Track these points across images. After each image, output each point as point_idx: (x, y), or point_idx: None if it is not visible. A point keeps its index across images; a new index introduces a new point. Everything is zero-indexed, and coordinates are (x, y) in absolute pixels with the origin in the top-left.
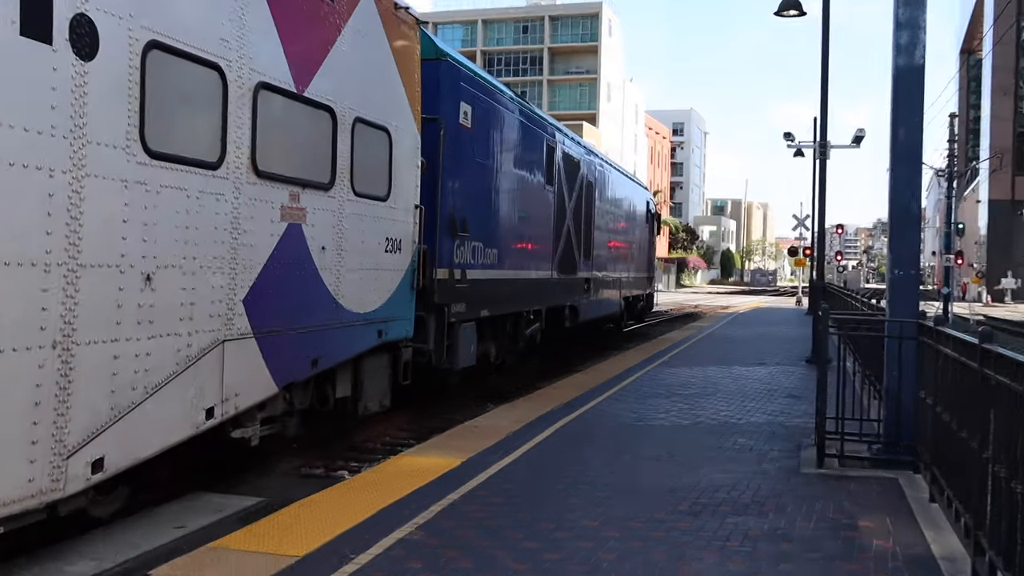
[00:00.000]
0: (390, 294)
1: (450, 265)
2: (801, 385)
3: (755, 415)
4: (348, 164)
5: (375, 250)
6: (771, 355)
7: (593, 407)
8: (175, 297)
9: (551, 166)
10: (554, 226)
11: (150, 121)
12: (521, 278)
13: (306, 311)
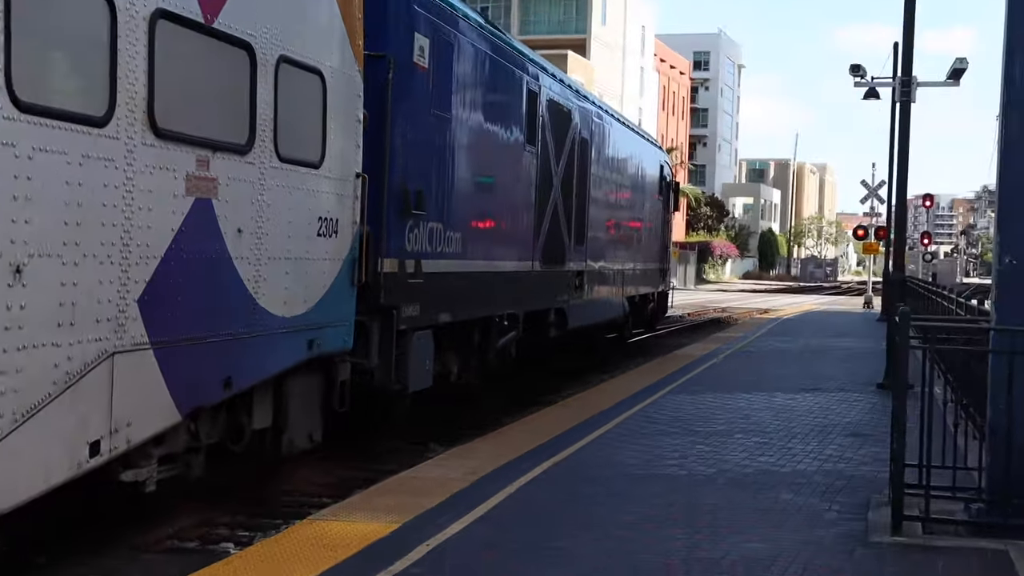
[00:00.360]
0: (324, 292)
1: (400, 254)
2: (869, 420)
3: (804, 461)
4: (271, 119)
5: (305, 234)
6: (828, 378)
7: (581, 448)
8: (52, 296)
9: (533, 119)
10: (536, 201)
11: (18, 61)
12: (492, 271)
13: (218, 314)
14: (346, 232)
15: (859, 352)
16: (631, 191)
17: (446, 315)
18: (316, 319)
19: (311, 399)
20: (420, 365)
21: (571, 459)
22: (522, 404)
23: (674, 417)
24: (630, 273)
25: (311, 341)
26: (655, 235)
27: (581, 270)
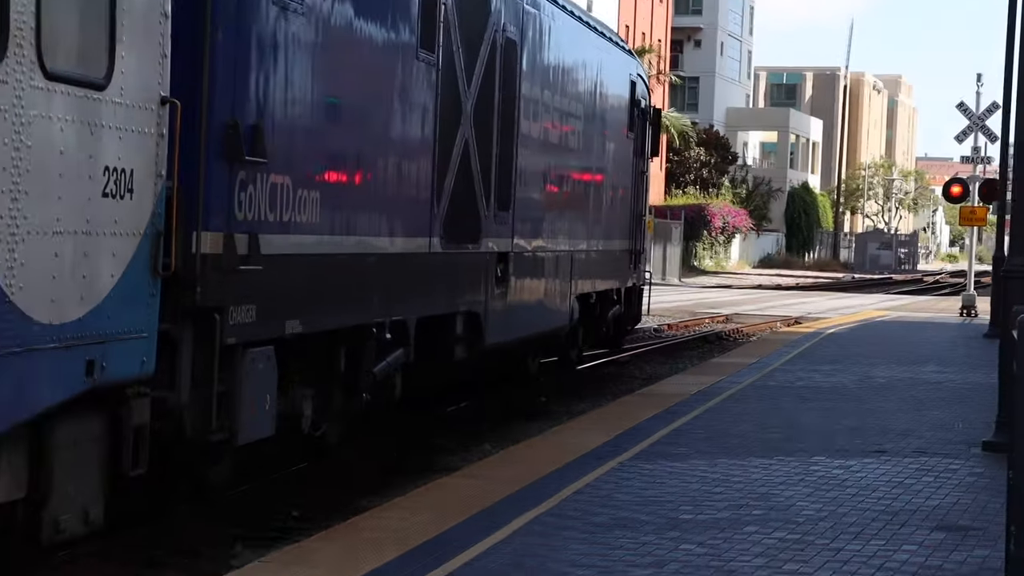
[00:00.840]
0: (111, 286)
1: (227, 225)
2: (970, 503)
3: (862, 572)
4: (33, 16)
5: (83, 193)
6: (901, 433)
7: (486, 555)
8: None
9: (431, 10)
10: (436, 141)
11: None
12: (367, 253)
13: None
14: (146, 191)
15: (953, 389)
16: (584, 126)
17: (295, 323)
18: (99, 328)
19: (88, 456)
20: (257, 402)
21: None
22: (402, 472)
23: (645, 497)
24: (582, 258)
25: (91, 363)
26: (622, 196)
27: (506, 252)
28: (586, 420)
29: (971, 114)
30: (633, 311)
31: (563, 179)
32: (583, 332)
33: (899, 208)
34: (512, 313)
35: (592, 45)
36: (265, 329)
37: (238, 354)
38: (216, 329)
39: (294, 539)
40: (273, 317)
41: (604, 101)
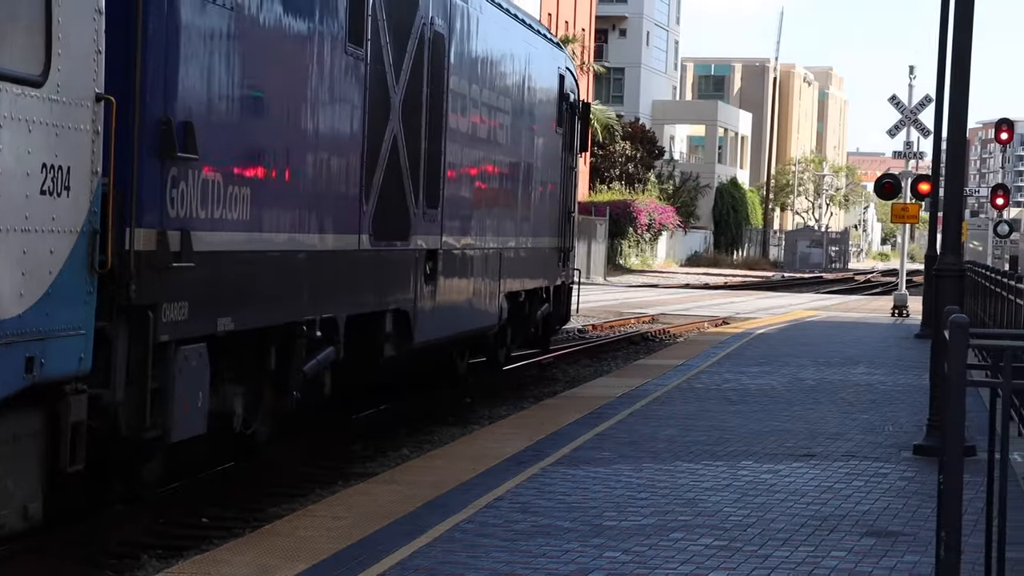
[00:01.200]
0: (49, 282)
1: (160, 222)
2: (900, 508)
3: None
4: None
5: (21, 190)
6: (831, 436)
7: (398, 567)
8: None
9: (359, 3)
10: (366, 136)
11: None
12: (298, 250)
13: None
14: (82, 188)
15: (884, 391)
16: (513, 121)
17: (227, 320)
18: (37, 325)
19: (27, 452)
20: (189, 400)
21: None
22: (317, 478)
23: (568, 503)
24: (511, 256)
25: (30, 360)
26: (551, 193)
27: (435, 250)
28: (507, 424)
29: (903, 108)
30: (562, 310)
31: (492, 175)
32: (512, 331)
33: (830, 205)
34: (441, 311)
35: (520, 38)
36: (197, 326)
37: (171, 351)
38: (150, 326)
39: (203, 548)
40: (205, 315)
41: (532, 95)
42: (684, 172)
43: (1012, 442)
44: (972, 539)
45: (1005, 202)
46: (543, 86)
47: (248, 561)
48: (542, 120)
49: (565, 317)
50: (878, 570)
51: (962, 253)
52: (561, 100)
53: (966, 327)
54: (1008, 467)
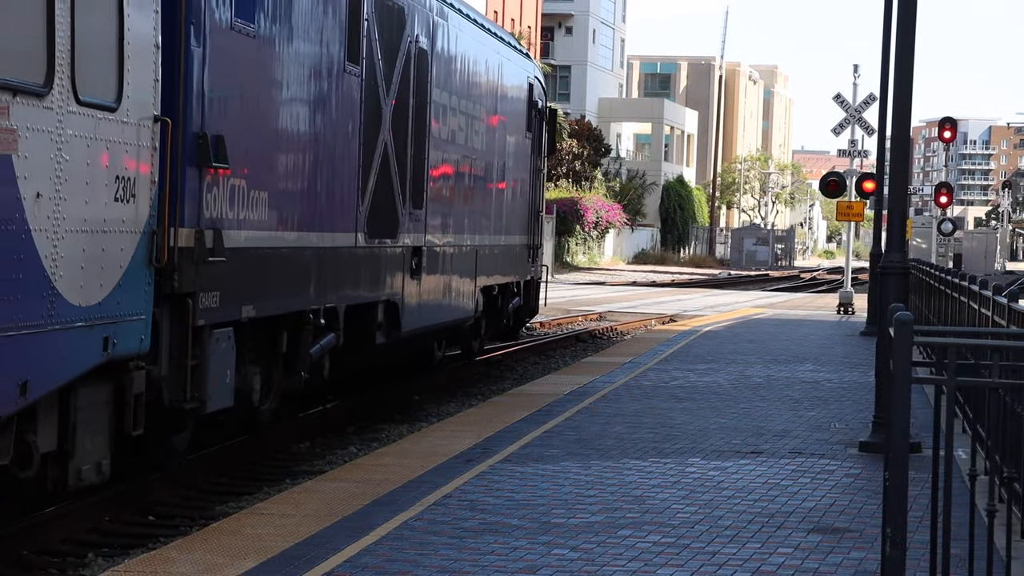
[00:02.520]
0: (120, 275)
1: (197, 222)
2: (846, 504)
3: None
4: (69, 50)
5: (102, 198)
6: (777, 433)
7: (348, 563)
8: None
9: (356, 25)
10: (362, 145)
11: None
12: (307, 247)
13: (15, 301)
14: (144, 195)
15: (830, 388)
16: (487, 127)
17: (249, 308)
18: (112, 311)
19: (100, 418)
20: (221, 375)
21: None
22: (263, 476)
23: (516, 500)
24: (486, 253)
25: (106, 340)
26: (521, 194)
27: (419, 247)
28: (455, 422)
29: (848, 106)
30: (531, 303)
31: (469, 178)
32: (486, 323)
33: (776, 203)
34: (425, 303)
35: (493, 50)
36: (227, 313)
37: (205, 334)
38: (189, 312)
39: (150, 546)
40: (233, 302)
41: (505, 103)
42: (631, 170)
43: (956, 439)
44: (918, 535)
45: (949, 200)
46: (514, 94)
47: (196, 559)
48: (513, 125)
49: (534, 310)
50: (824, 567)
51: (907, 251)
52: (530, 107)
53: (911, 325)
54: (953, 464)
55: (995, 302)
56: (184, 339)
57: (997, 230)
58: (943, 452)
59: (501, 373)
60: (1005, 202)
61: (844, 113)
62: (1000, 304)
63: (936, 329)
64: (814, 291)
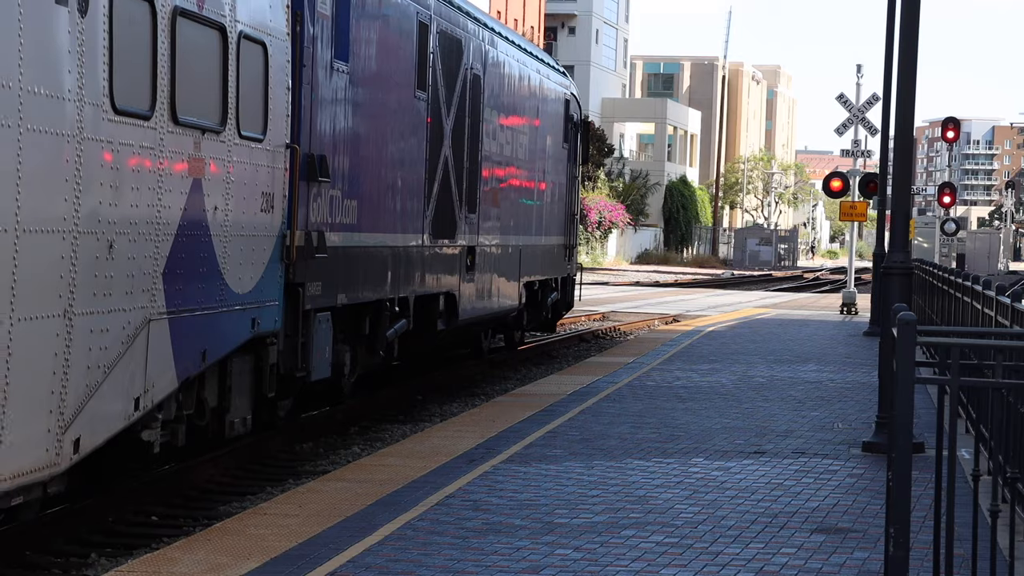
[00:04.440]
0: (263, 269)
1: (306, 225)
2: (849, 505)
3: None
4: (236, 98)
5: (253, 209)
6: (780, 434)
7: (351, 563)
8: (124, 267)
9: (424, 57)
10: (428, 160)
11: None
12: (386, 246)
13: (200, 288)
14: (279, 206)
15: (833, 389)
16: (529, 140)
17: (343, 296)
18: (257, 297)
19: (246, 382)
20: (322, 351)
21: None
22: (267, 476)
23: (519, 500)
24: (529, 252)
25: (253, 320)
26: (558, 199)
27: (473, 246)
28: (458, 422)
29: (851, 106)
30: (568, 298)
31: (514, 185)
32: (527, 315)
33: (779, 203)
34: (477, 295)
35: (534, 70)
36: (326, 299)
37: (311, 316)
38: (300, 298)
39: (153, 546)
40: (331, 291)
41: (545, 118)
42: (634, 170)
43: (960, 439)
44: (921, 535)
45: (952, 200)
46: (553, 109)
47: (199, 559)
48: (552, 138)
49: (570, 304)
50: (828, 567)
51: (910, 251)
52: (567, 120)
53: (914, 325)
54: (956, 464)
55: (998, 302)
56: (296, 320)
57: (1000, 230)
58: (946, 452)
59: (504, 373)
60: (1008, 202)
61: (847, 113)
62: (1003, 304)
63: (939, 329)
64: (817, 291)
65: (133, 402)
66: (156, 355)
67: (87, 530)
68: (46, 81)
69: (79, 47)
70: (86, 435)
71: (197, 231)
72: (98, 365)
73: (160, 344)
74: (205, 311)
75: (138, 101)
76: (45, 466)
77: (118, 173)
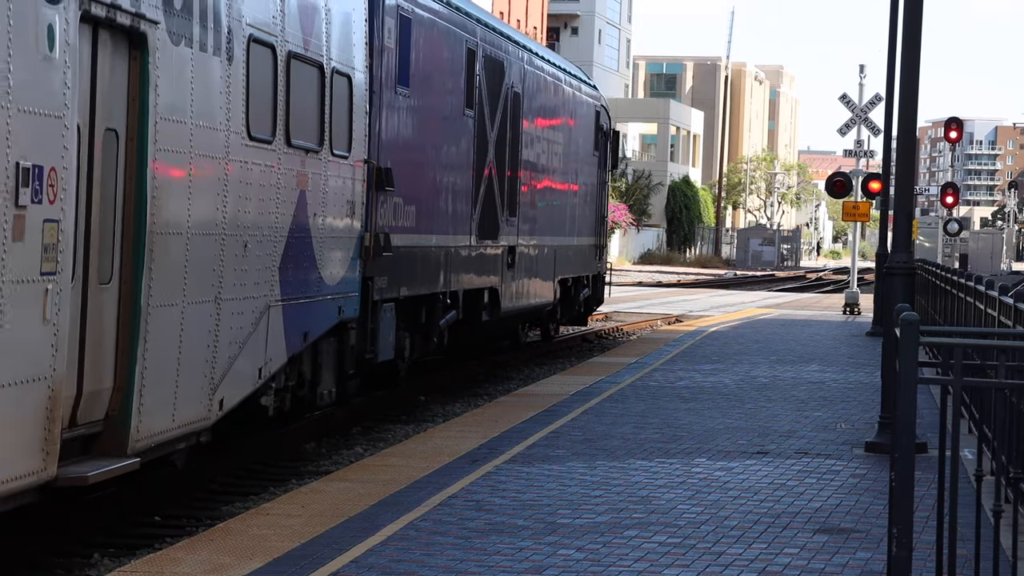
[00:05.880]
0: (347, 265)
1: (375, 228)
2: (852, 505)
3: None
4: (329, 122)
5: (341, 214)
6: (783, 434)
7: (356, 562)
8: (254, 262)
9: (471, 80)
10: (474, 169)
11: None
12: (440, 246)
13: (303, 281)
14: (359, 212)
15: (836, 389)
16: (563, 149)
17: (404, 289)
18: (342, 289)
19: (331, 360)
20: (387, 336)
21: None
22: (270, 476)
23: (522, 501)
24: (563, 252)
25: (339, 308)
26: (590, 203)
27: (513, 246)
28: (461, 422)
29: (854, 106)
30: (598, 294)
31: (550, 191)
32: (561, 309)
33: (782, 203)
34: (517, 290)
35: (567, 85)
36: (391, 292)
37: (379, 306)
38: (370, 290)
39: (156, 546)
40: (394, 285)
41: (577, 129)
42: (636, 170)
43: (963, 439)
44: (924, 536)
45: (955, 200)
46: (584, 121)
47: (202, 559)
48: (584, 147)
49: (600, 299)
50: (831, 567)
51: (912, 251)
52: (597, 130)
53: (917, 325)
54: (959, 464)
55: (1001, 302)
56: (366, 309)
57: (1003, 230)
58: (949, 452)
59: (507, 374)
60: (1011, 202)
61: (850, 113)
62: (1006, 304)
63: (942, 329)
64: (820, 291)
65: (257, 372)
66: (273, 335)
67: (90, 529)
68: (208, 116)
69: (227, 87)
70: (227, 396)
71: (302, 233)
72: (236, 341)
73: (276, 326)
74: (307, 299)
75: (264, 128)
76: (201, 419)
77: (250, 187)
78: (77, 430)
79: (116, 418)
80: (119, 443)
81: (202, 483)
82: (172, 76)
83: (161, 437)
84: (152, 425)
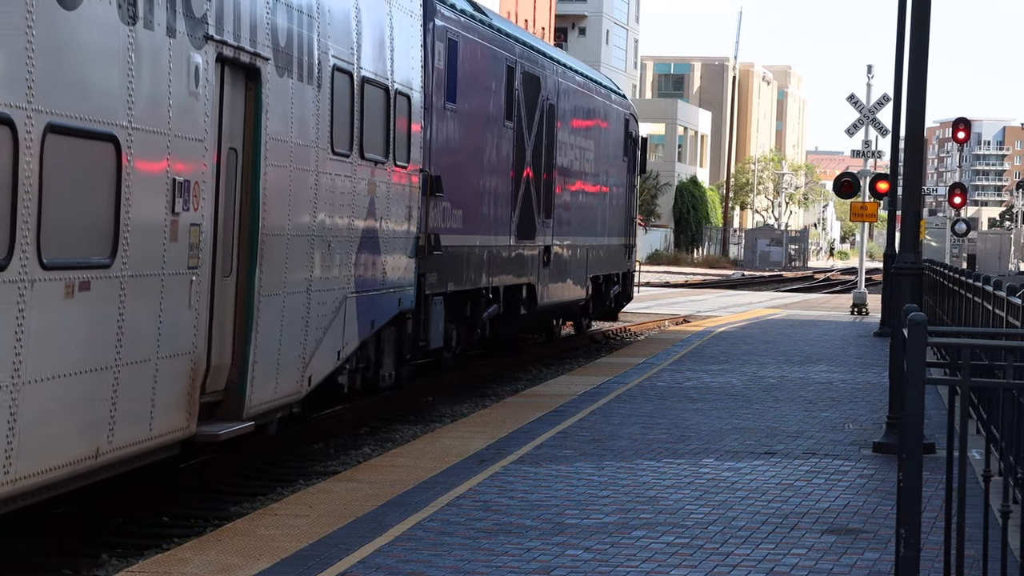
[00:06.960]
0: (405, 262)
1: (427, 229)
2: (859, 505)
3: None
4: (393, 137)
5: (401, 217)
6: (791, 434)
7: (365, 562)
8: (336, 260)
9: (511, 94)
10: (513, 175)
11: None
12: (483, 245)
13: (371, 276)
14: (415, 215)
15: (844, 389)
16: (595, 155)
17: (452, 284)
18: (401, 283)
19: (391, 346)
20: (437, 326)
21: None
22: (278, 476)
23: (530, 501)
24: (594, 251)
25: (399, 300)
26: (619, 205)
27: (549, 246)
28: (468, 422)
29: (861, 107)
30: (628, 291)
31: (583, 194)
32: (593, 305)
33: (789, 203)
34: (552, 287)
35: (598, 95)
36: (440, 286)
37: (430, 300)
38: (423, 285)
39: (164, 546)
40: (443, 280)
41: (608, 136)
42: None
43: (970, 440)
44: (932, 536)
45: (963, 201)
46: (614, 128)
47: (210, 560)
48: (614, 152)
49: (629, 296)
50: (838, 567)
51: (920, 251)
52: (626, 136)
53: (924, 325)
54: (967, 464)
55: (1009, 303)
56: (419, 302)
57: (1011, 231)
58: (957, 453)
59: (514, 374)
60: (1019, 203)
61: (858, 114)
62: (1014, 305)
63: (950, 330)
64: (828, 292)
65: (336, 354)
66: (349, 322)
67: (98, 530)
68: (303, 135)
69: (317, 110)
70: (315, 373)
71: (371, 234)
72: (321, 327)
73: (351, 315)
74: (375, 292)
75: (344, 144)
76: (295, 392)
77: (333, 195)
78: (205, 398)
79: (234, 388)
80: (236, 409)
81: (209, 483)
82: (278, 102)
83: (267, 406)
84: (261, 395)
